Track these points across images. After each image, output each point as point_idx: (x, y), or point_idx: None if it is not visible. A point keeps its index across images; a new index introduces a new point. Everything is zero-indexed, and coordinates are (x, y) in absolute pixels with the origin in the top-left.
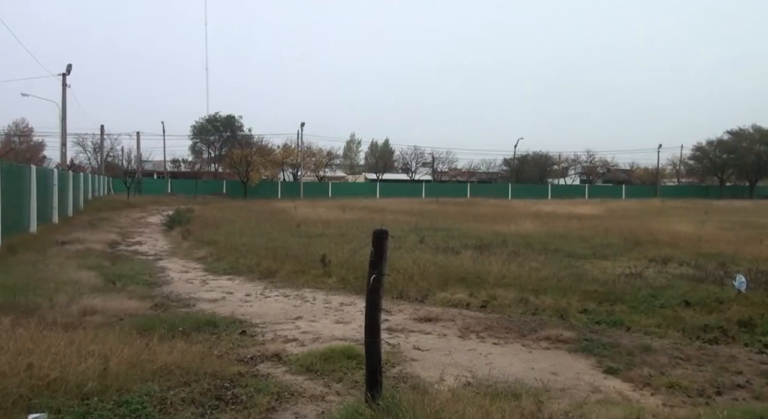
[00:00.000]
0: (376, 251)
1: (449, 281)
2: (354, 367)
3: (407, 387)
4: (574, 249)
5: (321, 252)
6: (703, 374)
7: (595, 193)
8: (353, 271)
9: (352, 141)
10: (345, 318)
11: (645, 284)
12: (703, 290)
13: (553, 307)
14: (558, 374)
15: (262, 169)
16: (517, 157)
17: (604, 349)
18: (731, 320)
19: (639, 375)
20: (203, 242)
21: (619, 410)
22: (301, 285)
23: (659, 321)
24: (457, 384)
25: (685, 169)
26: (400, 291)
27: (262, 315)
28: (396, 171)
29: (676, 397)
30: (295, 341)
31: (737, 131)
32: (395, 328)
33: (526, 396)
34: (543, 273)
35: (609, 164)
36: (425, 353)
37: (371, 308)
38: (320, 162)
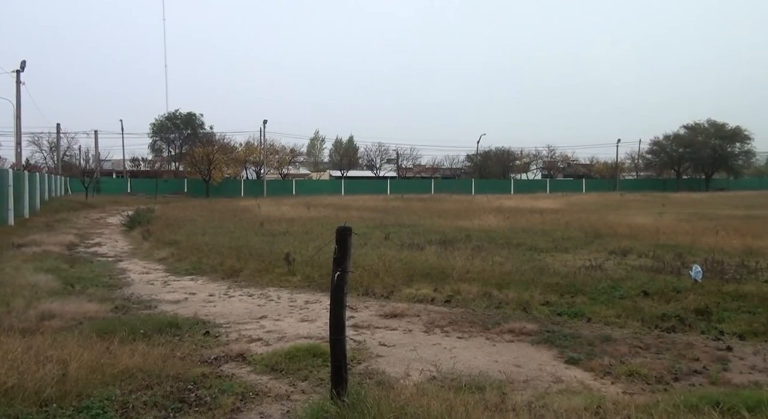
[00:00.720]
0: (340, 248)
1: (414, 277)
2: (319, 365)
3: (373, 383)
4: (536, 243)
5: (285, 250)
6: (661, 361)
7: (556, 187)
8: (318, 269)
9: (316, 138)
10: (310, 316)
11: (605, 276)
12: (661, 280)
13: (516, 300)
14: (521, 366)
15: (224, 167)
16: (480, 153)
17: (565, 340)
18: (688, 308)
19: (600, 365)
20: (164, 243)
21: (580, 399)
22: (265, 284)
23: (619, 312)
24: (422, 379)
25: (643, 163)
26: (365, 288)
27: (226, 315)
28: (361, 168)
29: (635, 385)
30: (259, 340)
31: (693, 125)
32: (361, 325)
33: (489, 388)
34: (506, 267)
35: (569, 159)
36: (391, 349)
37: (336, 305)
38: (284, 160)
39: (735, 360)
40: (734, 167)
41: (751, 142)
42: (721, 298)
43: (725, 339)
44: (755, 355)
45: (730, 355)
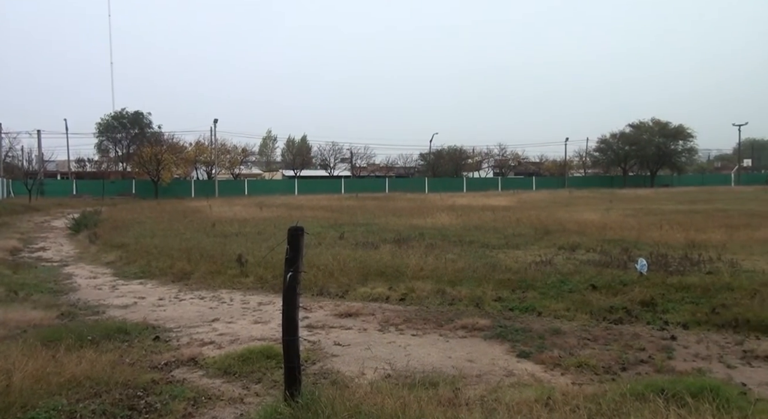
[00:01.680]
0: (292, 248)
1: (369, 276)
2: (273, 367)
3: (327, 383)
4: (488, 240)
5: (238, 252)
6: (609, 352)
7: (507, 185)
8: (271, 269)
9: (269, 137)
10: (263, 317)
11: (554, 271)
12: (608, 274)
13: (469, 296)
14: (474, 361)
15: (173, 167)
16: (433, 151)
17: (517, 334)
18: (634, 300)
19: (550, 357)
20: (112, 246)
21: (531, 391)
22: (217, 286)
23: (568, 305)
24: (376, 377)
25: (591, 160)
26: (320, 288)
27: (177, 318)
28: (314, 167)
29: (584, 375)
30: (211, 344)
31: (638, 124)
32: (315, 325)
33: (443, 384)
34: (459, 264)
35: (520, 157)
36: (346, 348)
37: (288, 306)
38: (235, 159)
39: (679, 348)
40: (677, 164)
41: (693, 140)
42: (665, 290)
43: (670, 328)
44: (698, 343)
45: (675, 344)
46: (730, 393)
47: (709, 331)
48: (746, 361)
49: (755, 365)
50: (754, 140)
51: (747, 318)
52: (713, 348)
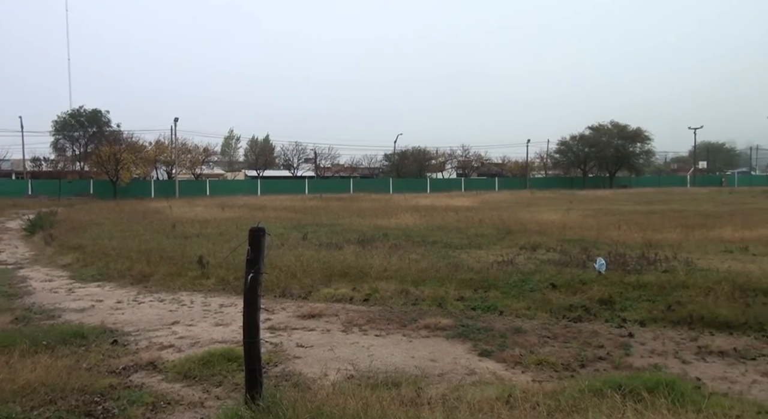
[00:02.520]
0: (253, 249)
1: (333, 277)
2: (234, 370)
3: (289, 385)
4: (451, 240)
5: (198, 253)
6: (568, 350)
7: (470, 186)
8: (233, 271)
9: (231, 137)
10: (225, 319)
11: (516, 271)
12: (567, 273)
13: (432, 296)
14: (437, 360)
15: (132, 167)
16: (397, 152)
17: (479, 333)
18: (593, 299)
19: (511, 356)
20: (69, 248)
21: (492, 389)
22: (177, 288)
23: (529, 304)
24: (339, 378)
25: (552, 162)
26: (283, 289)
27: (136, 322)
28: (277, 168)
29: (544, 373)
30: (171, 347)
31: (597, 126)
32: (278, 327)
33: (405, 383)
34: (422, 265)
35: (483, 158)
36: (308, 349)
37: (249, 307)
38: (196, 159)
39: (636, 345)
40: (635, 166)
41: (650, 142)
42: (623, 288)
43: (627, 326)
44: (655, 340)
45: (632, 341)
46: (684, 388)
47: (665, 328)
48: (701, 357)
49: (709, 360)
50: (709, 143)
51: (701, 315)
52: (669, 345)
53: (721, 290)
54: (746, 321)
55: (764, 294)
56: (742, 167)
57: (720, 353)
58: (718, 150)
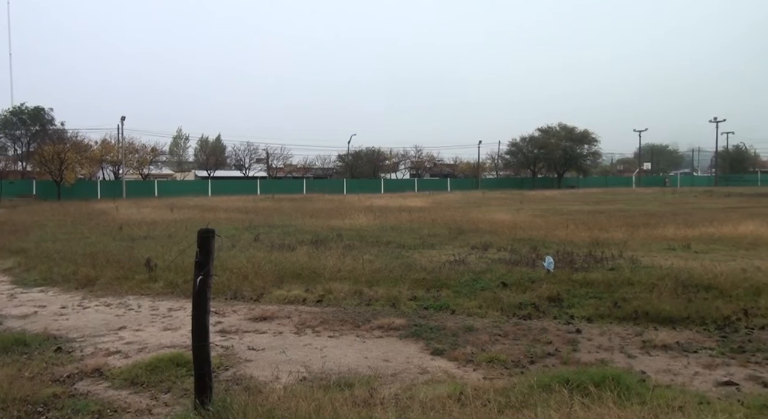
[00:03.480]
0: (202, 251)
1: (285, 278)
2: (184, 375)
3: (240, 389)
4: (405, 240)
5: (146, 255)
6: (518, 347)
7: (423, 186)
8: (182, 274)
9: (180, 136)
10: (174, 324)
11: (468, 270)
12: (517, 272)
13: (386, 297)
14: (390, 360)
15: (77, 167)
16: (351, 153)
17: (431, 332)
18: (542, 296)
19: (463, 354)
20: (10, 251)
21: (444, 387)
22: (124, 292)
23: (480, 303)
24: (291, 381)
25: (503, 163)
26: (234, 291)
27: (81, 328)
28: (229, 168)
29: (495, 370)
30: (118, 353)
31: (546, 128)
32: (229, 330)
33: (358, 384)
34: (376, 265)
35: (435, 159)
36: (260, 352)
37: (198, 311)
38: (144, 159)
39: (584, 341)
40: (583, 167)
41: (597, 144)
42: (571, 286)
43: (575, 322)
44: (601, 336)
45: (580, 337)
46: (630, 381)
47: (612, 324)
48: (645, 351)
49: (653, 354)
50: (653, 145)
51: (646, 311)
52: (615, 340)
53: (665, 287)
54: (688, 315)
55: (705, 290)
56: (684, 168)
57: (664, 347)
58: (661, 152)
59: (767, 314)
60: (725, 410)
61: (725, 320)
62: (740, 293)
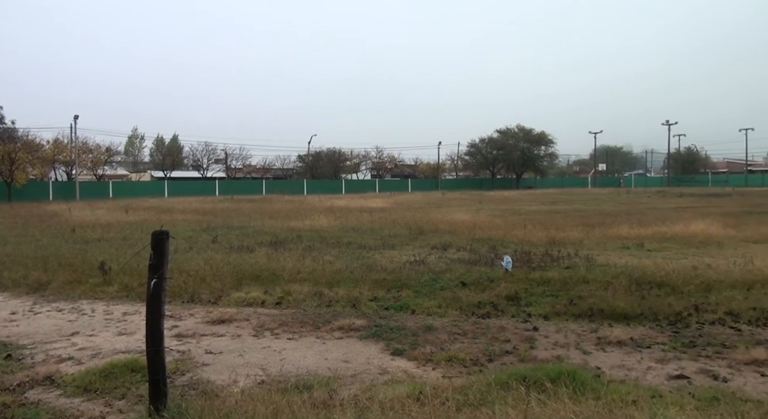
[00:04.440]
0: (156, 253)
1: (244, 280)
2: (139, 381)
3: (196, 394)
4: (366, 241)
5: (100, 258)
6: (477, 345)
7: (384, 187)
8: (137, 277)
9: (135, 136)
10: (129, 328)
11: (427, 270)
12: (476, 271)
13: (346, 297)
14: (350, 361)
15: (29, 167)
16: (311, 153)
17: (391, 332)
18: (500, 295)
19: (422, 353)
20: None
21: (403, 387)
22: (77, 297)
23: (440, 302)
24: (249, 384)
25: (462, 164)
26: (191, 294)
27: (31, 334)
28: (186, 168)
29: (454, 369)
30: (70, 360)
31: (505, 130)
32: (185, 334)
33: (318, 386)
34: (336, 266)
35: (396, 160)
36: (218, 356)
37: (153, 315)
38: (98, 159)
39: (541, 338)
40: (540, 168)
41: (554, 145)
42: (528, 284)
43: (532, 320)
44: (557, 333)
45: (537, 334)
46: (585, 377)
47: (568, 321)
48: (600, 347)
49: (608, 350)
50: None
51: (601, 308)
52: (571, 337)
53: (619, 284)
54: (642, 312)
55: (658, 287)
56: (638, 169)
57: (618, 343)
58: (616, 153)
59: (717, 309)
60: (676, 403)
61: (677, 316)
62: (691, 289)
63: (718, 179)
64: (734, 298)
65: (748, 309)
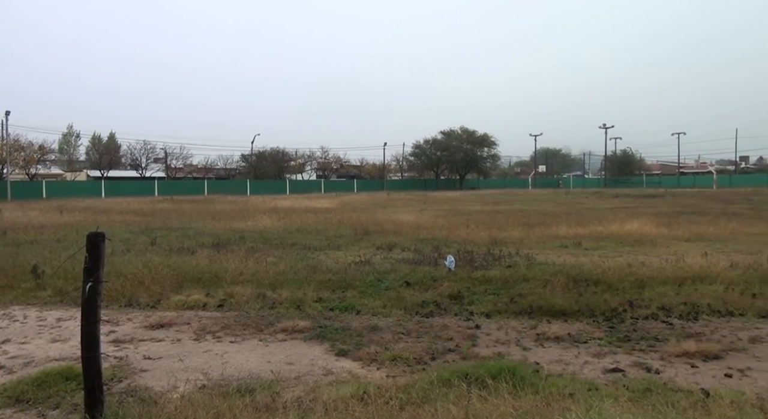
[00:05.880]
0: (91, 256)
1: (184, 283)
2: (74, 389)
3: (134, 402)
4: (310, 242)
5: (33, 262)
6: (421, 344)
7: (330, 187)
8: (72, 281)
9: (70, 134)
10: (63, 335)
11: (373, 270)
12: (420, 271)
13: (290, 299)
14: (294, 363)
15: None
16: (255, 153)
17: (336, 333)
18: (443, 294)
19: (367, 353)
20: None
21: (347, 388)
22: (8, 302)
23: (385, 302)
24: (189, 389)
25: (407, 164)
26: (129, 298)
27: None
28: (124, 168)
29: (398, 368)
30: (1, 369)
31: (449, 131)
32: (123, 339)
33: (260, 389)
34: (280, 267)
35: (342, 160)
36: (156, 361)
37: (88, 320)
38: (31, 158)
39: (482, 336)
40: (483, 169)
41: (496, 147)
42: (471, 283)
43: (474, 318)
44: (499, 330)
45: (479, 332)
46: (525, 372)
47: (509, 318)
48: (539, 343)
49: (547, 345)
50: (547, 148)
51: (540, 305)
52: (512, 334)
53: (558, 282)
54: (579, 308)
55: (594, 284)
56: (576, 170)
57: (556, 338)
58: (555, 155)
59: (650, 305)
60: (611, 395)
61: (613, 311)
62: (626, 286)
63: (652, 181)
64: (666, 294)
65: (680, 304)
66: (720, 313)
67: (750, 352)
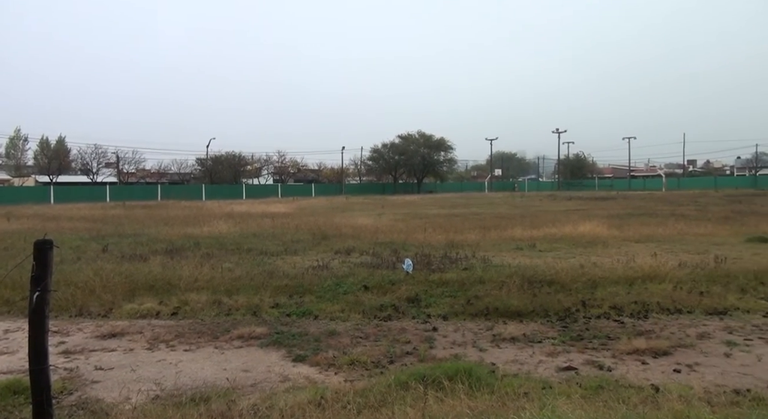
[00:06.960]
0: (38, 264)
1: (137, 291)
2: (22, 403)
3: (85, 414)
4: (267, 247)
5: None
6: (379, 348)
7: (287, 192)
8: (20, 290)
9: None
10: (11, 347)
11: (330, 275)
12: (379, 275)
13: (247, 305)
14: (250, 370)
15: None
16: (210, 157)
17: (293, 339)
18: (401, 298)
19: (325, 358)
20: None
21: (305, 393)
22: None
23: (343, 306)
24: (142, 400)
25: (365, 168)
26: (79, 308)
27: None
28: (74, 173)
29: (356, 372)
30: None
31: (406, 135)
32: (73, 350)
33: (215, 397)
34: (236, 273)
35: (299, 164)
36: (108, 372)
37: (36, 331)
38: None
39: (440, 338)
40: (440, 173)
41: (453, 151)
42: (428, 286)
43: (432, 321)
44: (455, 332)
45: (436, 334)
46: (481, 373)
47: (465, 320)
48: (495, 344)
49: (502, 346)
50: (503, 152)
51: (496, 306)
52: (468, 335)
53: (513, 283)
54: (534, 309)
55: (548, 285)
56: (531, 174)
57: (512, 339)
58: (511, 159)
59: (602, 304)
60: (565, 392)
61: (566, 311)
62: (579, 286)
63: (604, 184)
64: (618, 293)
65: (630, 303)
66: (669, 311)
67: (698, 348)
